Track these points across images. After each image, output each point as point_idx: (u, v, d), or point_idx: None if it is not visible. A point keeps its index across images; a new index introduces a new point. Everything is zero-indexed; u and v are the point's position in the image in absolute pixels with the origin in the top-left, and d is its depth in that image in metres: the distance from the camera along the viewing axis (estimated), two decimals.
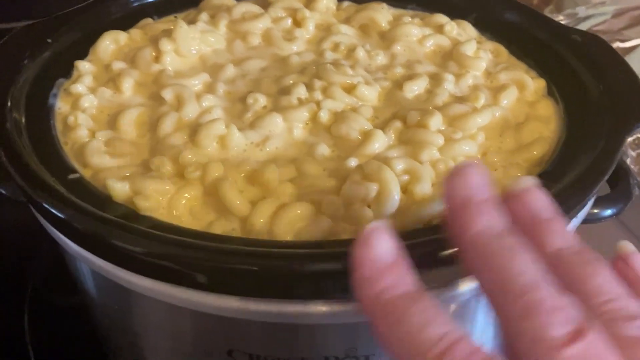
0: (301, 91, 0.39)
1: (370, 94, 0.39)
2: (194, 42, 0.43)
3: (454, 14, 0.48)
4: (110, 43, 0.44)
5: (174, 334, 0.35)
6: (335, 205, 0.31)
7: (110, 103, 0.39)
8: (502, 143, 0.37)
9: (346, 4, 0.50)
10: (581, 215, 0.34)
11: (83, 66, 0.41)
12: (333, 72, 0.40)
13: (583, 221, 0.35)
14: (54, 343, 0.50)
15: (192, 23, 0.44)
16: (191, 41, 0.43)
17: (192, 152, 0.34)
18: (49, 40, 0.42)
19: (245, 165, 0.34)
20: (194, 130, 0.36)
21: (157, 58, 0.42)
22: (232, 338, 0.32)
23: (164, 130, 0.36)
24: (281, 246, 0.30)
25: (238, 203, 0.32)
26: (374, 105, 0.39)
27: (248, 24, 0.45)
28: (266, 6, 0.47)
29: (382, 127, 0.36)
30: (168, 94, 0.38)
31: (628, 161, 0.54)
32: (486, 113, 0.38)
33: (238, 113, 0.38)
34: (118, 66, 0.41)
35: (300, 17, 0.46)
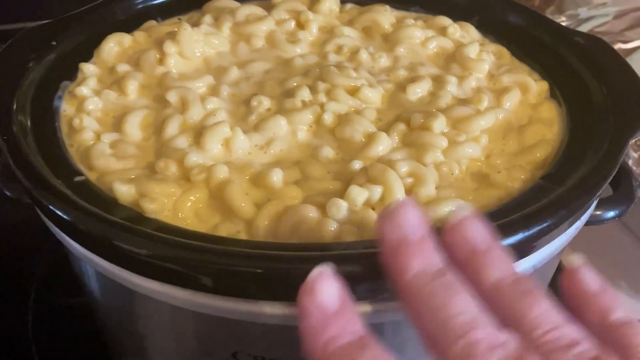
0: (305, 94, 0.39)
1: (373, 97, 0.39)
2: (198, 45, 0.43)
3: (457, 16, 0.48)
4: (114, 45, 0.44)
5: (179, 336, 0.35)
6: (339, 207, 0.31)
7: (115, 105, 0.39)
8: (505, 145, 0.37)
9: (349, 6, 0.50)
10: (584, 217, 0.35)
11: (88, 68, 0.42)
12: (336, 75, 0.40)
13: (586, 223, 0.36)
14: (58, 343, 0.50)
15: (196, 25, 0.45)
16: (195, 44, 0.43)
17: (197, 155, 0.34)
18: (54, 42, 0.42)
19: (249, 167, 0.34)
20: (199, 132, 0.36)
21: (161, 60, 0.42)
22: (237, 340, 0.32)
23: (169, 132, 0.36)
24: (286, 249, 0.30)
25: (243, 205, 0.32)
26: (378, 107, 0.39)
27: (252, 27, 0.46)
28: (270, 9, 0.48)
29: (386, 130, 0.37)
30: (173, 97, 0.38)
31: (630, 163, 0.54)
32: (489, 115, 0.38)
33: (242, 115, 0.38)
34: (122, 68, 0.42)
35: (303, 20, 0.47)
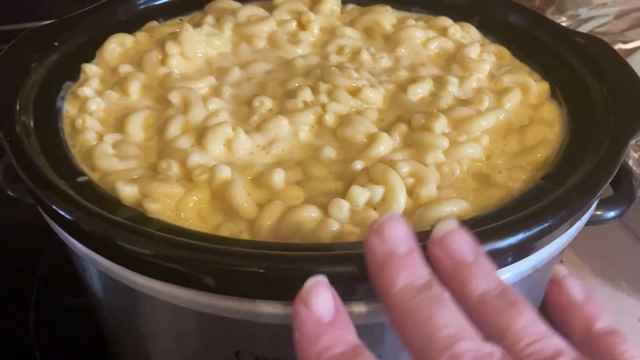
0: (307, 94, 0.39)
1: (375, 97, 0.40)
2: (200, 45, 0.43)
3: (458, 17, 0.48)
4: (116, 46, 0.44)
5: (181, 336, 0.35)
6: (341, 207, 0.31)
7: (117, 106, 0.39)
8: (506, 146, 0.38)
9: (350, 7, 0.50)
10: (585, 217, 0.35)
11: (90, 69, 0.42)
12: (338, 75, 0.40)
13: (586, 223, 0.36)
14: (59, 343, 0.50)
15: (198, 26, 0.45)
16: (197, 44, 0.43)
17: (199, 155, 0.34)
18: (56, 43, 0.42)
19: (251, 168, 0.34)
20: (201, 133, 0.36)
21: (164, 61, 0.42)
22: (239, 340, 0.32)
23: (171, 133, 0.36)
24: (288, 249, 0.30)
25: (245, 206, 0.32)
26: (379, 108, 0.39)
27: (253, 27, 0.46)
28: (271, 9, 0.48)
29: (387, 130, 0.37)
30: (175, 97, 0.38)
31: (630, 163, 0.54)
32: (490, 116, 0.38)
33: (244, 116, 0.38)
34: (125, 69, 0.42)
35: (304, 20, 0.47)
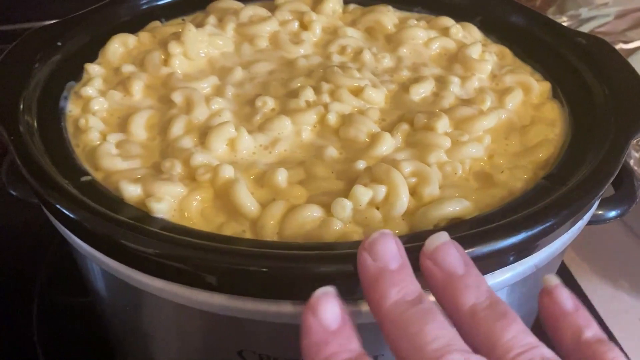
0: (309, 94, 0.39)
1: (377, 97, 0.40)
2: (203, 45, 0.44)
3: (459, 17, 0.48)
4: (119, 46, 0.44)
5: (185, 335, 0.35)
6: (344, 207, 0.31)
7: (120, 106, 0.40)
8: (508, 145, 0.38)
9: (352, 7, 0.50)
10: (586, 217, 0.35)
11: (93, 69, 0.42)
12: (340, 75, 0.40)
13: (588, 223, 0.36)
14: (63, 343, 0.50)
15: (200, 26, 0.45)
16: (199, 44, 0.43)
17: (203, 155, 0.34)
18: (59, 43, 0.42)
19: (254, 167, 0.35)
20: (204, 133, 0.36)
21: (166, 61, 0.42)
22: (243, 338, 0.33)
23: (175, 132, 0.36)
24: (291, 248, 0.30)
25: (248, 205, 0.32)
26: (381, 107, 0.40)
27: (255, 27, 0.46)
28: (273, 9, 0.48)
29: (390, 130, 0.37)
30: (178, 97, 0.39)
31: (632, 163, 0.54)
32: (492, 116, 0.38)
33: (247, 116, 0.38)
34: (127, 69, 0.42)
35: (307, 20, 0.47)
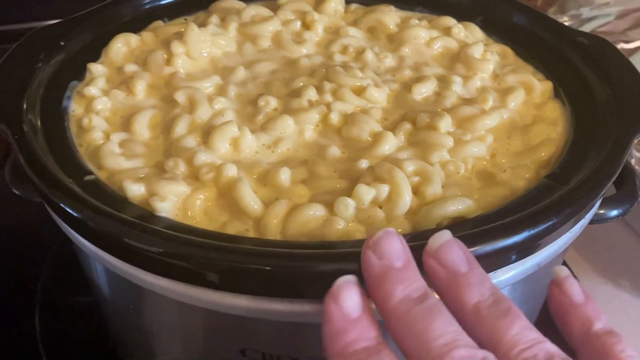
0: (311, 93, 0.39)
1: (379, 96, 0.40)
2: (205, 45, 0.44)
3: (461, 17, 0.48)
4: (122, 45, 0.44)
5: (187, 333, 0.35)
6: (347, 206, 0.31)
7: (123, 105, 0.40)
8: (510, 145, 0.38)
9: (354, 7, 0.50)
10: (588, 216, 0.35)
11: (96, 69, 0.42)
12: (342, 75, 0.40)
13: (590, 222, 0.36)
14: (65, 342, 0.50)
15: (203, 26, 0.45)
16: (202, 44, 0.43)
17: (206, 154, 0.34)
18: (62, 42, 0.42)
19: (257, 166, 0.35)
20: (207, 132, 0.36)
21: (169, 60, 0.42)
22: (245, 337, 0.33)
23: (178, 132, 0.36)
24: (294, 247, 0.30)
25: (252, 204, 0.32)
26: (383, 107, 0.40)
27: (258, 27, 0.46)
28: (275, 9, 0.48)
29: (392, 129, 0.37)
30: (181, 97, 0.39)
31: (633, 162, 0.54)
32: (494, 115, 0.38)
33: (249, 115, 0.39)
34: (130, 69, 0.42)
35: (309, 20, 0.47)
